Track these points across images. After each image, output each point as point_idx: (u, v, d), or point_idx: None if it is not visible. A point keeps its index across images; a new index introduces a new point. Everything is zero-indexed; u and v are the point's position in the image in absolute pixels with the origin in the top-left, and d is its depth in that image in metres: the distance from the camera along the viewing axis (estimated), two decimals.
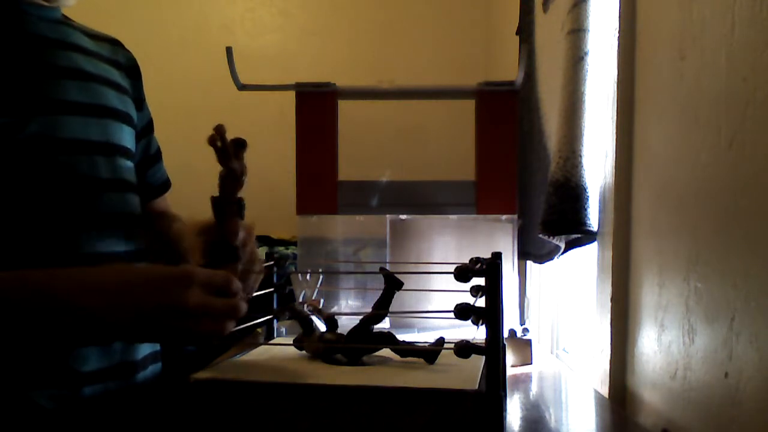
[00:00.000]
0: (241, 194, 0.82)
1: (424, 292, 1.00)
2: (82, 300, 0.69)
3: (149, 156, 1.04)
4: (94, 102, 0.89)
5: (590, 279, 1.25)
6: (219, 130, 0.77)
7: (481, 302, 0.71)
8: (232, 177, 0.79)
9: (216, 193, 0.81)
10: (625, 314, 1.09)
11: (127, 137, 0.94)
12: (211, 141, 0.78)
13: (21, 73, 0.81)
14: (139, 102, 1.01)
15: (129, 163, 0.94)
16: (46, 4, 0.88)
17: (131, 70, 1.01)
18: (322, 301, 1.42)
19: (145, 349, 0.91)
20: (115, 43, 1.00)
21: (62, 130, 0.83)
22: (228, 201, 0.80)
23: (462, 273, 0.74)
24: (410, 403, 0.70)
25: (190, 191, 0.84)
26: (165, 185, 1.09)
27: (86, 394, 0.81)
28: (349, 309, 1.49)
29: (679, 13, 0.92)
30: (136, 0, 2.77)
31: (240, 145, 0.79)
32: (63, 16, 0.92)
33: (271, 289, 0.98)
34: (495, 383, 0.69)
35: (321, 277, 1.46)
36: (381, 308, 0.85)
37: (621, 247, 1.10)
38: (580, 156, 1.16)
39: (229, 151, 0.78)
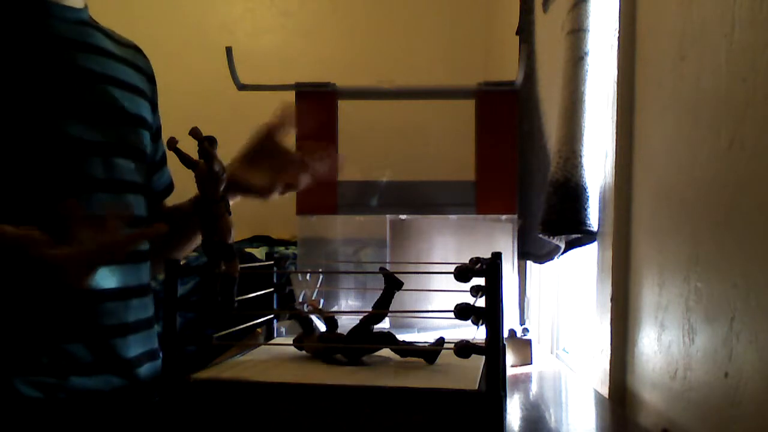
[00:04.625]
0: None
1: (424, 292, 1.00)
2: None
3: (155, 162, 1.06)
4: (109, 103, 0.91)
5: (590, 279, 1.25)
6: (196, 133, 0.76)
7: (481, 302, 0.71)
8: (214, 176, 0.78)
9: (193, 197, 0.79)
10: (625, 314, 1.09)
11: (140, 140, 0.96)
12: (201, 154, 0.77)
13: (40, 73, 0.82)
14: (155, 107, 1.04)
15: (136, 165, 0.95)
16: (71, 5, 0.89)
17: (150, 76, 1.04)
18: (322, 301, 1.42)
19: (137, 347, 0.91)
20: (137, 49, 1.04)
21: (73, 131, 0.84)
22: (215, 201, 0.79)
23: (462, 273, 0.73)
24: (410, 403, 0.70)
25: (189, 192, 0.83)
26: (168, 189, 1.11)
27: (74, 384, 0.81)
28: (349, 309, 1.49)
29: (679, 13, 0.92)
30: (136, 0, 2.77)
31: (212, 142, 0.78)
32: (89, 18, 0.94)
33: (271, 289, 0.98)
34: (495, 383, 0.69)
35: (321, 277, 1.46)
36: (381, 308, 0.85)
37: (621, 247, 1.10)
38: (580, 156, 1.16)
39: (210, 151, 0.77)
